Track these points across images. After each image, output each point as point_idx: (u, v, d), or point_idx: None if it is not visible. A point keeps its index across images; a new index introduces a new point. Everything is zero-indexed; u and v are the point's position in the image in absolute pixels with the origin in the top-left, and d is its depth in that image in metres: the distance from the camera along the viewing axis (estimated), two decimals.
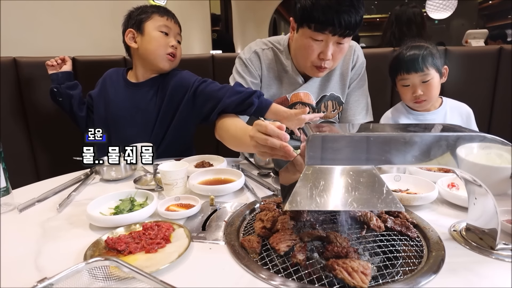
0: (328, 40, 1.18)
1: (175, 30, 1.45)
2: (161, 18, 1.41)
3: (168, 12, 1.45)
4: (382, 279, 0.62)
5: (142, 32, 1.40)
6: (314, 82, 1.39)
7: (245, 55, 1.40)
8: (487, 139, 0.64)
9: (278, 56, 1.40)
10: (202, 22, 5.58)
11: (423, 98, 1.35)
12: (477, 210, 0.72)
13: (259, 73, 1.39)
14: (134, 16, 1.42)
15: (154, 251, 0.70)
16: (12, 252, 0.74)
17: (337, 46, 1.21)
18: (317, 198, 0.62)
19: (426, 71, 1.31)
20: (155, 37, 1.39)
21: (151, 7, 1.44)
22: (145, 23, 1.40)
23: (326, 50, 1.20)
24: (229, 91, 1.29)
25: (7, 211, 0.93)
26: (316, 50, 1.22)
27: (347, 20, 1.12)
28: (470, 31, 3.80)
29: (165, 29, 1.41)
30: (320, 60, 1.23)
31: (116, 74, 1.50)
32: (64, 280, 0.54)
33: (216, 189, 1.00)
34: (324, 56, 1.21)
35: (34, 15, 1.92)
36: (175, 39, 1.45)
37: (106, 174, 1.15)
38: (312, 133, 0.64)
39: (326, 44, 1.19)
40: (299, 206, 0.62)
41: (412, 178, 1.02)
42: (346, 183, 0.63)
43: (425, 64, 1.31)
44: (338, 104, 1.44)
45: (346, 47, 1.25)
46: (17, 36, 1.82)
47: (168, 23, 1.42)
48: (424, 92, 1.33)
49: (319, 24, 1.15)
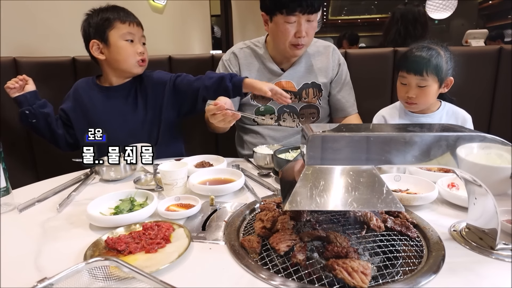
0: (300, 20, 1.39)
1: (139, 33, 1.43)
2: (123, 26, 1.37)
3: (129, 15, 1.42)
4: (382, 279, 0.62)
5: (107, 43, 1.38)
6: (295, 72, 1.55)
7: (225, 57, 1.60)
8: (487, 139, 0.64)
9: (256, 52, 1.58)
10: (202, 22, 5.58)
11: (414, 101, 1.33)
12: (477, 210, 0.72)
13: (236, 70, 1.57)
14: (94, 24, 1.38)
15: (154, 251, 0.70)
16: (12, 252, 0.74)
17: (308, 23, 1.42)
18: (317, 198, 0.62)
19: (424, 77, 1.28)
20: (122, 47, 1.38)
21: (111, 12, 1.39)
22: (109, 33, 1.37)
23: (300, 28, 1.40)
24: (204, 79, 1.39)
25: (7, 211, 0.93)
26: (292, 31, 1.41)
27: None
28: (470, 31, 3.80)
29: (130, 37, 1.39)
30: (297, 38, 1.42)
31: (86, 83, 1.48)
32: (64, 280, 0.54)
33: (216, 189, 1.00)
34: (300, 33, 1.41)
35: (34, 15, 1.92)
36: (141, 43, 1.43)
37: (106, 174, 1.15)
38: (312, 133, 0.63)
39: (299, 23, 1.40)
40: (299, 206, 0.62)
41: (412, 178, 1.02)
42: (346, 183, 0.63)
43: (427, 70, 1.27)
44: (318, 91, 1.57)
45: (315, 24, 1.46)
46: (17, 36, 1.82)
47: (131, 29, 1.39)
48: (417, 96, 1.31)
49: (289, 8, 1.37)
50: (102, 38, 1.38)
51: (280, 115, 1.58)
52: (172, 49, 3.85)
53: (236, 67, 1.57)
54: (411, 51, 1.33)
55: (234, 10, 6.86)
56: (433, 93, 1.31)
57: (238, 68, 1.56)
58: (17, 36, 1.81)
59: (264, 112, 1.57)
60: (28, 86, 1.39)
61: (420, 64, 1.28)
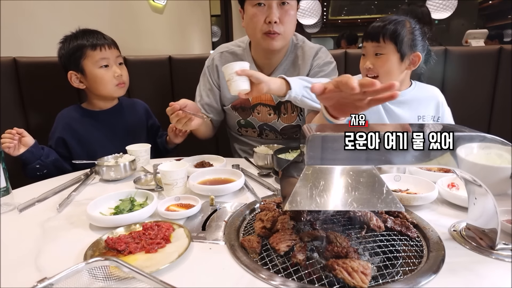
0: (270, 3, 1.25)
1: (113, 55, 1.40)
2: (94, 52, 1.36)
3: (98, 39, 1.38)
4: (382, 279, 0.62)
5: (84, 73, 1.38)
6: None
7: (206, 63, 1.52)
8: (487, 139, 0.64)
9: (238, 55, 1.47)
10: (202, 23, 5.58)
11: (373, 73, 1.24)
12: (477, 210, 0.72)
13: (215, 78, 1.49)
14: (67, 54, 1.38)
15: (154, 251, 0.70)
16: (12, 252, 0.74)
17: (281, 8, 1.27)
18: (317, 198, 0.62)
19: (381, 44, 1.20)
20: (98, 75, 1.37)
21: (81, 39, 1.37)
22: (83, 63, 1.36)
23: (270, 12, 1.25)
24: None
25: (7, 211, 0.93)
26: (261, 16, 1.27)
27: None
28: (470, 31, 3.80)
29: (104, 62, 1.37)
30: (268, 24, 1.27)
31: (74, 111, 1.47)
32: (64, 280, 0.54)
33: (216, 189, 1.00)
34: (270, 18, 1.25)
35: (34, 15, 1.92)
36: (116, 64, 1.41)
37: (106, 174, 1.15)
38: (312, 133, 0.63)
39: (269, 6, 1.26)
40: (299, 206, 0.62)
41: (412, 178, 1.02)
42: (346, 183, 0.63)
43: (384, 36, 1.20)
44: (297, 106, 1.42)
45: (291, 10, 1.29)
46: (17, 36, 1.82)
47: (103, 54, 1.37)
48: (374, 66, 1.23)
49: None
50: (78, 68, 1.38)
51: (262, 131, 1.53)
52: (172, 49, 3.85)
53: (216, 74, 1.49)
54: (375, 21, 1.26)
55: (234, 10, 6.87)
56: (392, 64, 1.22)
57: (217, 76, 1.49)
58: (17, 36, 1.81)
59: (246, 125, 1.54)
60: (26, 138, 1.27)
61: (378, 29, 1.22)
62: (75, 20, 2.21)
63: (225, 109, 1.55)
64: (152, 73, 1.82)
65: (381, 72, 1.23)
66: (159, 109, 1.80)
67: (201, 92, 1.53)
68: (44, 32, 1.98)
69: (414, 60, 1.25)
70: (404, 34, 1.20)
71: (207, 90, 1.52)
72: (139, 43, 3.14)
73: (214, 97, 1.51)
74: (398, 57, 1.22)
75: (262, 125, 1.51)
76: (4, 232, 0.83)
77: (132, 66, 1.76)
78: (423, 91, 1.36)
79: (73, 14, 2.23)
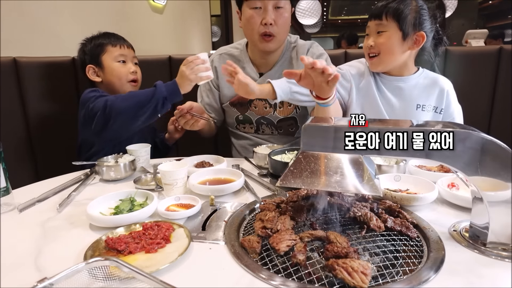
0: (266, 5, 1.33)
1: (130, 54, 1.50)
2: (114, 49, 1.46)
3: (119, 39, 1.50)
4: (382, 279, 0.62)
5: (102, 66, 1.46)
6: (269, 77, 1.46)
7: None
8: (487, 143, 0.64)
9: (235, 56, 1.53)
10: (202, 23, 5.58)
11: (374, 51, 1.24)
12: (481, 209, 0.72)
13: (214, 78, 1.51)
14: (88, 51, 1.47)
15: (154, 251, 0.70)
16: (12, 252, 0.74)
17: (276, 11, 1.35)
18: (306, 178, 0.69)
19: (383, 21, 1.20)
20: (115, 68, 1.45)
21: (102, 38, 1.48)
22: (102, 57, 1.45)
23: (266, 14, 1.34)
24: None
25: (7, 211, 0.93)
26: (258, 18, 1.35)
27: None
28: (470, 31, 3.81)
29: (122, 58, 1.47)
30: (264, 26, 1.35)
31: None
32: (64, 280, 0.53)
33: (216, 189, 1.00)
34: (266, 20, 1.34)
35: (34, 15, 1.92)
36: (133, 63, 1.51)
37: (106, 174, 1.15)
38: (306, 123, 0.72)
39: (265, 9, 1.34)
40: (289, 184, 0.70)
41: (412, 178, 1.02)
42: (333, 167, 0.69)
43: (386, 13, 1.19)
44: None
45: (286, 13, 1.38)
46: (17, 36, 1.82)
47: (122, 51, 1.47)
48: (376, 43, 1.23)
49: None
50: (97, 62, 1.46)
51: (259, 126, 1.56)
52: (172, 49, 3.85)
53: (214, 75, 1.49)
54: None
55: (234, 10, 6.86)
56: (393, 42, 1.21)
57: (216, 76, 1.53)
58: (17, 36, 1.81)
59: (243, 121, 1.57)
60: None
61: (380, 7, 1.22)
62: (75, 20, 2.21)
63: (224, 106, 1.58)
64: (152, 73, 1.82)
65: (382, 49, 1.23)
66: None
67: (201, 93, 1.59)
68: (44, 32, 1.98)
69: (418, 40, 1.23)
70: (407, 12, 1.19)
71: (207, 91, 1.57)
72: (139, 43, 3.13)
73: (213, 97, 1.56)
74: (400, 36, 1.21)
75: (260, 119, 1.54)
76: (4, 232, 0.83)
77: None
78: (428, 79, 1.33)
79: (73, 14, 2.23)
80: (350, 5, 11.33)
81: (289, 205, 0.84)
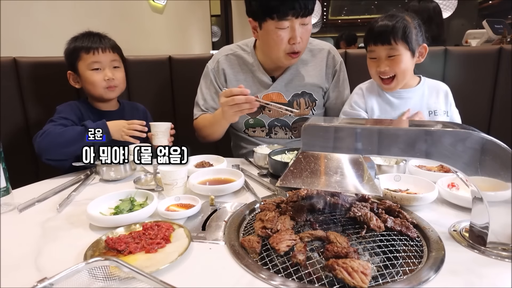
0: (294, 24, 1.26)
1: (107, 59, 1.41)
2: (88, 56, 1.38)
3: (94, 42, 1.39)
4: (382, 279, 0.62)
5: (78, 74, 1.42)
6: (283, 81, 1.45)
7: (210, 65, 1.50)
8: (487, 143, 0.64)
9: (244, 58, 1.48)
10: (202, 23, 5.58)
11: (389, 74, 1.26)
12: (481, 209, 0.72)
13: (222, 81, 1.48)
14: (67, 57, 1.43)
15: (154, 251, 0.70)
16: (12, 252, 0.74)
17: (302, 27, 1.29)
18: (306, 178, 0.69)
19: (393, 45, 1.22)
20: (88, 77, 1.39)
21: (79, 41, 1.40)
22: (78, 64, 1.40)
23: (294, 34, 1.27)
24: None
25: (7, 211, 0.93)
26: (285, 38, 1.28)
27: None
28: (470, 31, 3.81)
29: (96, 65, 1.39)
30: (292, 45, 1.30)
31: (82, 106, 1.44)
32: (64, 280, 0.53)
33: (216, 189, 1.00)
34: (294, 40, 1.28)
35: (34, 15, 1.92)
36: (110, 68, 1.42)
37: (106, 174, 1.15)
38: (307, 123, 0.72)
39: (293, 28, 1.26)
40: (289, 184, 0.70)
41: (412, 178, 1.02)
42: (333, 167, 0.69)
43: (394, 37, 1.21)
44: (311, 101, 1.48)
45: (310, 27, 1.33)
46: (17, 36, 1.82)
47: (96, 57, 1.38)
48: (390, 68, 1.25)
49: (281, 12, 1.22)
50: (74, 69, 1.43)
51: (272, 129, 1.51)
52: (172, 49, 3.85)
53: (222, 77, 1.48)
54: (376, 22, 1.26)
55: (234, 10, 6.87)
56: (407, 63, 1.25)
57: (224, 79, 1.48)
58: (17, 36, 1.81)
59: (254, 125, 1.51)
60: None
61: (386, 33, 1.22)
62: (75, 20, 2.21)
63: None
64: (152, 73, 1.82)
65: (398, 72, 1.26)
66: (159, 109, 1.80)
67: (204, 96, 1.51)
68: (44, 32, 1.98)
69: (422, 52, 1.28)
70: (411, 30, 1.22)
71: (212, 94, 1.50)
72: (139, 43, 3.14)
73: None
74: (410, 54, 1.25)
75: (273, 121, 1.49)
76: (4, 232, 0.83)
77: (132, 66, 1.76)
78: (431, 85, 1.37)
79: (73, 14, 2.23)
80: (350, 5, 11.35)
81: (289, 205, 0.84)
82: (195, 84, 1.57)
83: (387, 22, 1.23)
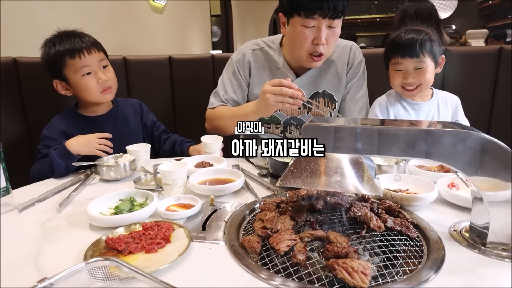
0: (320, 25, 1.23)
1: (95, 60, 1.32)
2: (74, 61, 1.28)
3: (75, 43, 1.30)
4: (382, 279, 0.62)
5: (68, 82, 1.33)
6: (306, 78, 1.43)
7: (235, 57, 1.47)
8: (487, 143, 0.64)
9: (270, 55, 1.45)
10: (202, 23, 5.58)
11: (416, 84, 1.31)
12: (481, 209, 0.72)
13: (246, 74, 1.46)
14: (49, 65, 1.33)
15: (154, 251, 0.70)
16: (12, 252, 0.74)
17: (329, 30, 1.25)
18: (306, 178, 0.70)
19: (421, 58, 1.27)
20: (82, 84, 1.31)
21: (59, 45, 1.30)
22: (64, 72, 1.31)
23: (319, 34, 1.24)
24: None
25: (7, 211, 0.93)
26: (310, 37, 1.25)
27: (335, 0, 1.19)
28: (470, 31, 3.81)
29: (87, 70, 1.30)
30: (315, 46, 1.27)
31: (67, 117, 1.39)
32: (64, 280, 0.53)
33: (216, 189, 1.00)
34: (318, 40, 1.25)
35: (34, 15, 1.92)
36: (100, 69, 1.34)
37: (106, 174, 1.15)
38: (307, 123, 0.72)
39: (319, 29, 1.24)
40: (289, 184, 0.70)
41: (412, 178, 1.02)
42: (333, 167, 0.69)
43: (422, 50, 1.26)
44: (330, 101, 1.45)
45: (338, 32, 1.29)
46: (17, 36, 1.82)
47: (84, 61, 1.29)
48: (417, 79, 1.30)
49: (308, 9, 1.20)
50: (62, 78, 1.33)
51: (287, 127, 1.49)
52: (172, 49, 3.85)
53: (247, 70, 1.46)
54: (401, 36, 1.30)
55: (234, 10, 6.87)
56: (431, 73, 1.32)
57: (248, 73, 1.46)
58: (17, 36, 1.81)
59: (269, 122, 1.50)
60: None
61: (415, 46, 1.26)
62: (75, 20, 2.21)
63: None
64: (152, 73, 1.82)
65: (424, 82, 1.32)
66: (159, 109, 1.80)
67: (225, 86, 1.48)
68: (44, 32, 1.98)
69: (440, 62, 1.34)
70: (436, 42, 1.29)
71: (233, 86, 1.47)
72: (139, 43, 3.14)
73: (242, 94, 1.48)
74: (433, 65, 1.31)
75: (289, 120, 1.48)
76: (4, 232, 0.83)
77: (132, 66, 1.77)
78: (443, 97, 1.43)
79: (73, 14, 2.23)
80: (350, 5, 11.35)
81: (289, 205, 0.84)
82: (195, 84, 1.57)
83: (414, 35, 1.28)
